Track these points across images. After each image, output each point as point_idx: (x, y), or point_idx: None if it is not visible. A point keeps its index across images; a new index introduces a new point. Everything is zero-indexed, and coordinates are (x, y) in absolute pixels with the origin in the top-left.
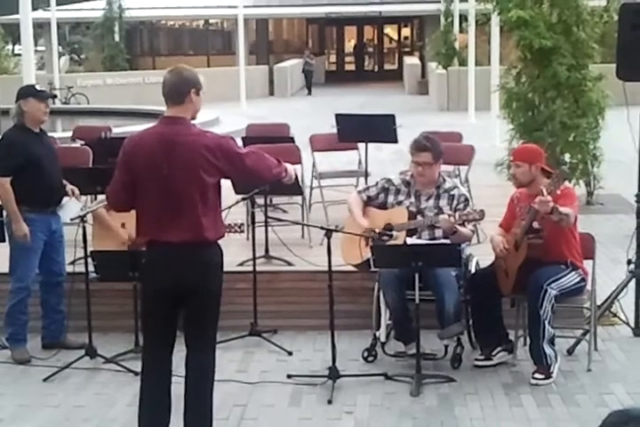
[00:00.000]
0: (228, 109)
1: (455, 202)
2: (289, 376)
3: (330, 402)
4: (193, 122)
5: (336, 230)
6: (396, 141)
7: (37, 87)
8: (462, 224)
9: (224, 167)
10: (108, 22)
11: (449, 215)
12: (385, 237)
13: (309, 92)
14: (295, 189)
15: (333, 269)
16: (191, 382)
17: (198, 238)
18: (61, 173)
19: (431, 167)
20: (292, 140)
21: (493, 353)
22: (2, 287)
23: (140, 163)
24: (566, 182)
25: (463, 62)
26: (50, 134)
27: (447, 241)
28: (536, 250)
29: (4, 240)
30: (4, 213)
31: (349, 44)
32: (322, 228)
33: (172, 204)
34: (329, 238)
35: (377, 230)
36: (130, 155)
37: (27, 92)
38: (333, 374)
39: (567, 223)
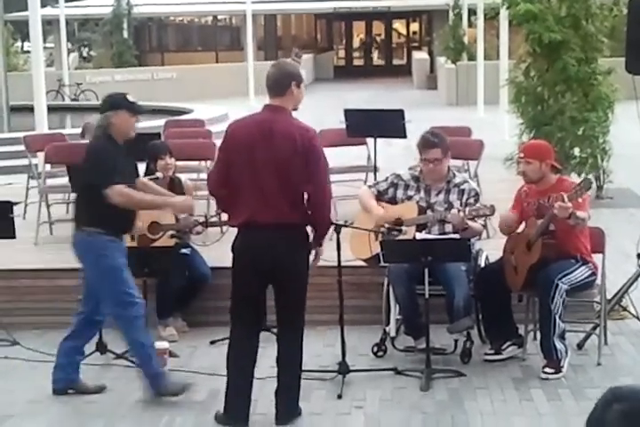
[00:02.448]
0: (237, 105)
1: (465, 196)
2: None
3: (340, 397)
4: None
5: (345, 225)
6: (405, 136)
7: (130, 98)
8: (472, 219)
9: (305, 159)
10: (116, 19)
11: (459, 210)
12: (394, 232)
13: None
14: None
15: (343, 264)
16: (282, 363)
17: (286, 220)
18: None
19: (441, 162)
20: None
21: (503, 347)
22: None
23: (238, 146)
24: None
25: (472, 57)
26: (59, 131)
27: (457, 236)
28: (550, 250)
29: (14, 237)
30: (14, 211)
31: (358, 39)
32: (331, 223)
33: (265, 186)
34: (338, 233)
35: (386, 225)
36: (230, 138)
37: (120, 104)
38: (343, 369)
39: (582, 226)
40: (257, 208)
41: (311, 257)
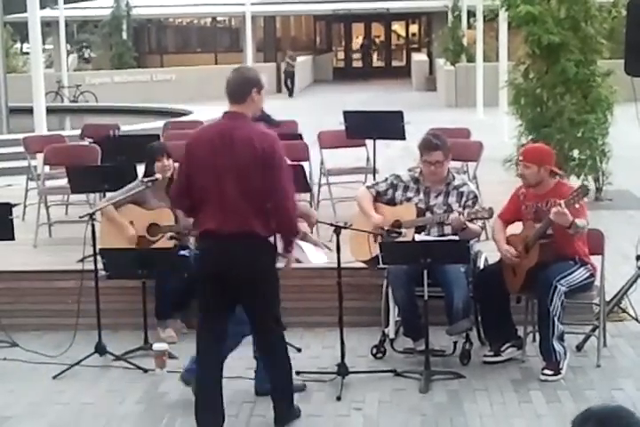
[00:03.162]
0: None
1: (464, 199)
2: (297, 373)
3: (339, 399)
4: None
5: (345, 227)
6: (404, 138)
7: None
8: (470, 221)
9: (264, 165)
10: (115, 20)
11: (459, 213)
12: (394, 235)
13: (291, 94)
14: (303, 186)
15: (342, 265)
16: (269, 370)
17: (250, 230)
18: None
19: (442, 165)
20: (300, 137)
21: (502, 349)
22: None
23: (200, 155)
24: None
25: (471, 58)
26: (58, 133)
27: (456, 238)
28: (548, 252)
29: (13, 238)
30: (13, 213)
31: (357, 41)
32: (331, 224)
33: (227, 195)
34: (338, 235)
35: (385, 227)
36: (191, 148)
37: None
38: (342, 370)
39: (581, 234)
40: (221, 217)
41: (282, 264)
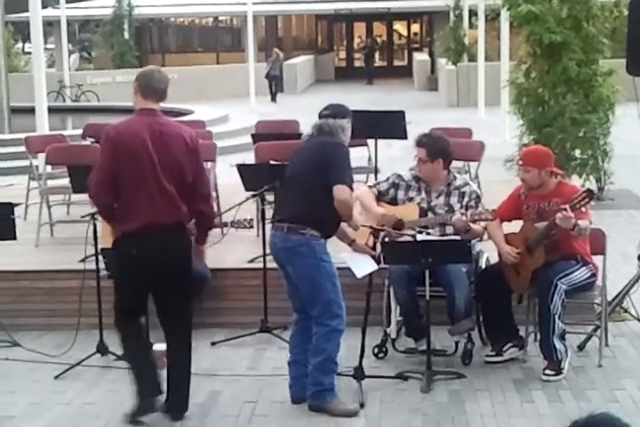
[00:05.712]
0: (238, 106)
1: (466, 199)
2: None
3: (362, 406)
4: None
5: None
6: (405, 138)
7: None
8: (473, 222)
9: (192, 158)
10: (117, 20)
11: (462, 214)
12: (395, 235)
13: (273, 99)
14: None
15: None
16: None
17: (182, 220)
18: None
19: (425, 164)
20: (301, 136)
21: (504, 349)
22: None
23: (130, 150)
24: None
25: (473, 58)
26: (60, 132)
27: (457, 237)
28: (552, 252)
29: (15, 238)
30: (15, 213)
31: (359, 41)
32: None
33: (164, 188)
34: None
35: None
36: (118, 144)
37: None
38: (359, 374)
39: (584, 236)
40: (160, 210)
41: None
